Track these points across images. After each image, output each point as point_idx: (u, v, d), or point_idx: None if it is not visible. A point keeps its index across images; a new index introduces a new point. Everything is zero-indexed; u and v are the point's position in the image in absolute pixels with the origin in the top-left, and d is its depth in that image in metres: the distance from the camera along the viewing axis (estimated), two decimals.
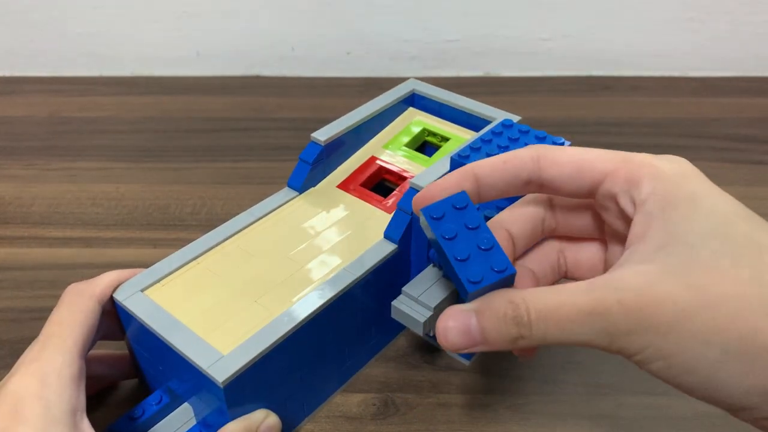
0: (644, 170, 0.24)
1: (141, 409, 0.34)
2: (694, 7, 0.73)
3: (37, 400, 0.28)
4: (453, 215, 0.25)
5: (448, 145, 0.45)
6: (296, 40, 0.76)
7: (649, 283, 0.21)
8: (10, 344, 0.42)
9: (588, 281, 0.22)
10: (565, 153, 0.26)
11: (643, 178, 0.24)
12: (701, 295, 0.21)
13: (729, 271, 0.21)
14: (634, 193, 0.24)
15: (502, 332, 0.23)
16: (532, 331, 0.22)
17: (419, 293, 0.36)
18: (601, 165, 0.25)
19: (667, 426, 0.37)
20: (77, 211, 0.54)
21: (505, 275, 0.24)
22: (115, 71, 0.77)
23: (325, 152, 0.43)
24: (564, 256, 0.29)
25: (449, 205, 0.25)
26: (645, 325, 0.21)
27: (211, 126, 0.66)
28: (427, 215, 0.25)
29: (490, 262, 0.24)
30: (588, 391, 0.39)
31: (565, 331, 0.22)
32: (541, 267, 0.28)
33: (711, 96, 0.72)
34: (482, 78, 0.77)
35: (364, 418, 0.38)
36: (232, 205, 0.55)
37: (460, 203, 0.25)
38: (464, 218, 0.25)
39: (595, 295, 0.22)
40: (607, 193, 0.25)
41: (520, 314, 0.22)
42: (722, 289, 0.21)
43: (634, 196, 0.24)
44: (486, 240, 0.24)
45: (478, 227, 0.25)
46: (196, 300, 0.35)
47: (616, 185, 0.24)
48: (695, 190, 0.23)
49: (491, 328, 0.23)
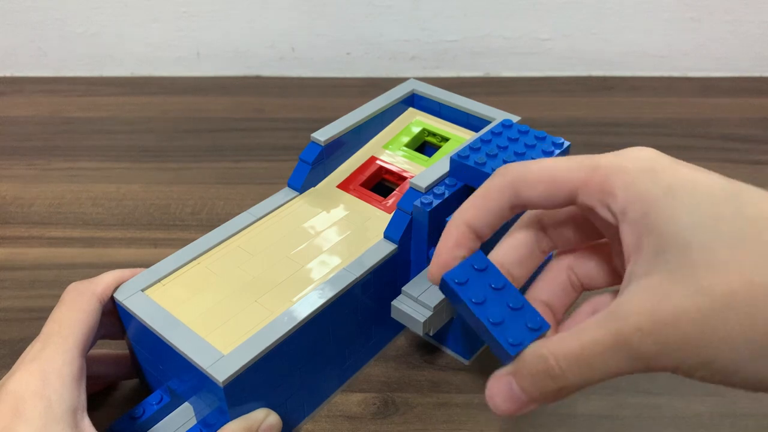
0: (613, 177, 0.23)
1: (141, 408, 0.34)
2: (694, 7, 0.73)
3: (37, 399, 0.28)
4: (477, 278, 0.25)
5: (448, 145, 0.45)
6: (296, 40, 0.76)
7: (659, 300, 0.21)
8: (10, 344, 0.42)
9: (603, 313, 0.22)
10: (533, 170, 0.25)
11: (615, 187, 0.23)
12: (712, 298, 0.20)
13: (729, 264, 0.20)
14: (611, 203, 0.23)
15: (541, 389, 0.23)
16: (568, 380, 0.22)
17: (419, 293, 0.36)
18: (570, 177, 0.24)
19: (667, 426, 0.37)
20: (78, 211, 0.54)
21: (542, 332, 0.24)
22: (115, 71, 0.77)
23: (325, 152, 0.43)
24: (574, 273, 0.28)
25: (470, 268, 0.25)
26: (671, 344, 0.20)
27: (211, 126, 0.66)
28: (451, 281, 0.25)
29: (524, 321, 0.24)
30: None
31: (598, 370, 0.22)
32: (552, 292, 0.28)
33: (711, 96, 0.72)
34: (482, 78, 0.77)
35: (364, 417, 0.38)
36: (232, 205, 0.55)
37: (480, 264, 0.25)
38: (488, 279, 0.25)
39: (612, 328, 0.21)
40: (584, 205, 0.24)
41: (551, 367, 0.22)
42: (729, 285, 0.20)
43: (611, 207, 0.23)
44: (515, 299, 0.25)
45: (503, 287, 0.25)
46: (197, 300, 0.35)
47: (591, 198, 0.24)
48: (669, 182, 0.22)
49: (530, 387, 0.23)
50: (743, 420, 0.37)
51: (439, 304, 0.36)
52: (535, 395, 0.23)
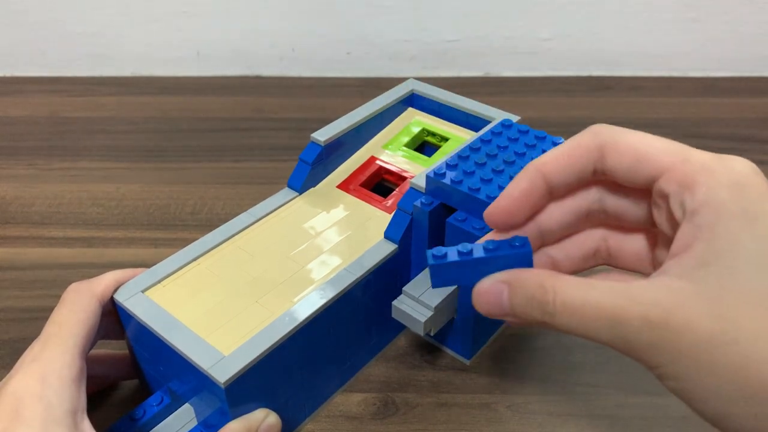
0: (701, 175, 0.22)
1: (142, 410, 0.34)
2: (694, 7, 0.73)
3: (37, 401, 0.28)
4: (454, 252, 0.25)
5: (448, 145, 0.45)
6: (296, 40, 0.76)
7: (679, 304, 0.20)
8: (10, 344, 0.42)
9: (620, 285, 0.22)
10: (628, 139, 0.24)
11: (698, 185, 0.22)
12: (729, 328, 0.20)
13: None
14: (687, 199, 0.22)
15: (527, 313, 0.23)
16: (555, 320, 0.22)
17: (420, 293, 0.36)
18: (660, 159, 0.23)
19: (667, 426, 0.37)
20: (78, 211, 0.54)
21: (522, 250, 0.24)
22: (115, 71, 0.77)
23: (325, 152, 0.43)
24: (607, 244, 0.27)
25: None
26: (663, 345, 0.20)
27: (211, 126, 0.66)
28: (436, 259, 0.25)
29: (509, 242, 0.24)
30: (588, 391, 0.39)
31: (586, 329, 0.22)
32: (566, 255, 0.27)
33: (711, 96, 0.72)
34: (482, 78, 0.77)
35: (364, 417, 0.38)
36: (232, 205, 0.55)
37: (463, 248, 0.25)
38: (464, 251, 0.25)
39: (621, 303, 0.21)
40: (660, 191, 0.23)
41: (547, 301, 0.22)
42: (755, 326, 0.19)
43: (685, 203, 0.22)
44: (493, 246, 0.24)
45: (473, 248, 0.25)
46: (197, 300, 0.35)
47: (669, 185, 0.23)
48: (754, 207, 0.21)
49: (519, 305, 0.23)
50: None
51: (439, 304, 0.36)
52: (519, 314, 0.23)
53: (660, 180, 0.23)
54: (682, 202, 0.22)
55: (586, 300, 0.22)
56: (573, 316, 0.22)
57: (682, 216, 0.22)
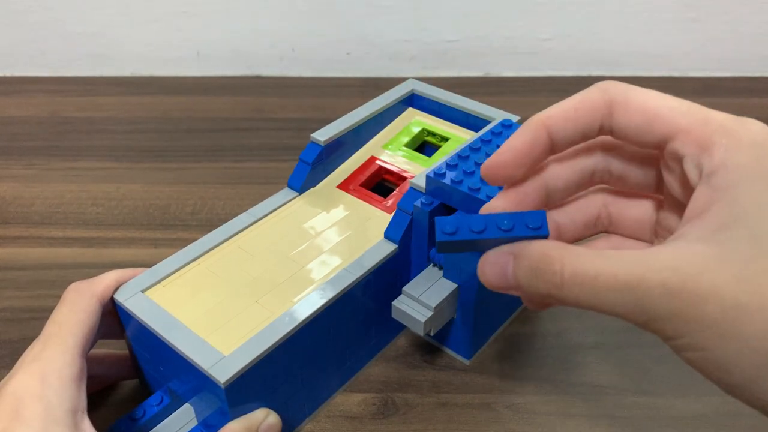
0: (719, 137, 0.21)
1: (142, 409, 0.34)
2: (694, 7, 0.73)
3: (37, 401, 0.28)
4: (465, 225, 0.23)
5: (448, 145, 0.45)
6: (296, 40, 0.76)
7: (701, 270, 0.19)
8: (10, 344, 0.42)
9: (635, 252, 0.20)
10: (638, 97, 0.23)
11: (716, 146, 0.21)
12: (756, 293, 0.18)
13: None
14: (704, 160, 0.21)
15: (532, 285, 0.22)
16: (562, 291, 0.21)
17: (419, 293, 0.36)
18: (674, 119, 0.22)
19: (667, 426, 0.37)
20: (78, 211, 0.54)
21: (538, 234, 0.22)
22: (115, 71, 0.77)
23: (325, 152, 0.43)
24: (608, 211, 0.26)
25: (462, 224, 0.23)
26: (686, 315, 0.19)
27: (211, 126, 0.66)
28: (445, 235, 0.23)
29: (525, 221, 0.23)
30: (588, 391, 0.39)
31: (599, 299, 0.20)
32: (571, 220, 0.26)
33: (711, 96, 0.72)
34: (482, 78, 0.77)
35: (364, 417, 0.38)
36: (232, 205, 0.55)
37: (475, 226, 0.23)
38: None
39: (638, 271, 0.20)
40: (673, 152, 0.22)
41: (553, 271, 0.21)
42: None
43: (702, 164, 0.21)
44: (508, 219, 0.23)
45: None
46: (197, 301, 0.35)
47: (685, 147, 0.22)
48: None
49: (523, 278, 0.22)
50: (743, 420, 0.37)
51: (439, 304, 0.36)
52: (524, 287, 0.22)
53: (674, 141, 0.22)
54: (699, 164, 0.21)
55: (600, 269, 0.20)
56: (584, 286, 0.20)
57: (698, 178, 0.21)
